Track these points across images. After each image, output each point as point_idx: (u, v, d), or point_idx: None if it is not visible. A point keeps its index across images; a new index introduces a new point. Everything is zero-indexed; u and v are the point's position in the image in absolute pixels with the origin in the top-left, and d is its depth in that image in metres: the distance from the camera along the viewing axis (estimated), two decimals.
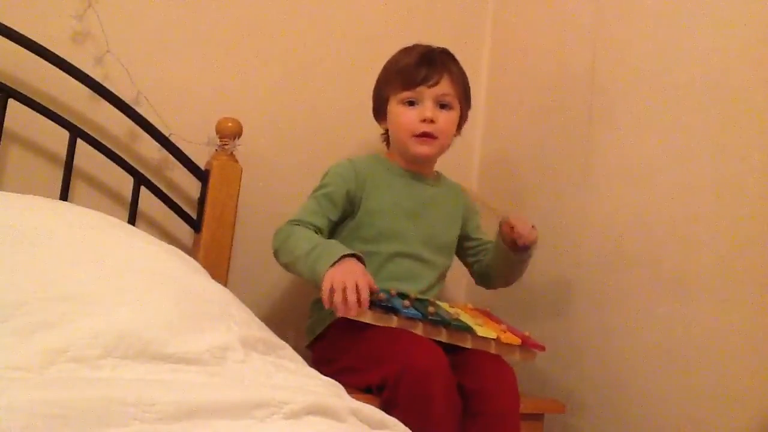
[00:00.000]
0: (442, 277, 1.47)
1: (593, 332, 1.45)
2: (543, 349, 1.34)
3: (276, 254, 1.31)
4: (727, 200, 1.25)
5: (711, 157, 1.29)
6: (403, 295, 1.29)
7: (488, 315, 1.41)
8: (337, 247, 1.20)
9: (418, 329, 1.23)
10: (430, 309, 1.27)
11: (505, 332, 1.32)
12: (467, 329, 1.27)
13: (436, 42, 1.47)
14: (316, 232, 1.30)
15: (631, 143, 1.44)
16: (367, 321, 1.21)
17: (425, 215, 1.42)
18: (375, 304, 1.21)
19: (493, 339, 1.28)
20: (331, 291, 1.14)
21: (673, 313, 1.30)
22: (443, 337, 1.25)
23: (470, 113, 1.49)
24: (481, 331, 1.28)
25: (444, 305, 1.34)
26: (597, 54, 1.56)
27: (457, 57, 1.45)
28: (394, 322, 1.22)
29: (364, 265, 1.20)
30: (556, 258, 1.56)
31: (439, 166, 1.53)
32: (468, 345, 1.27)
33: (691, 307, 1.28)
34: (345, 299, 1.13)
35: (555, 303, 1.56)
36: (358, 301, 1.13)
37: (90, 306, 0.85)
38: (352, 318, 1.19)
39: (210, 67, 1.54)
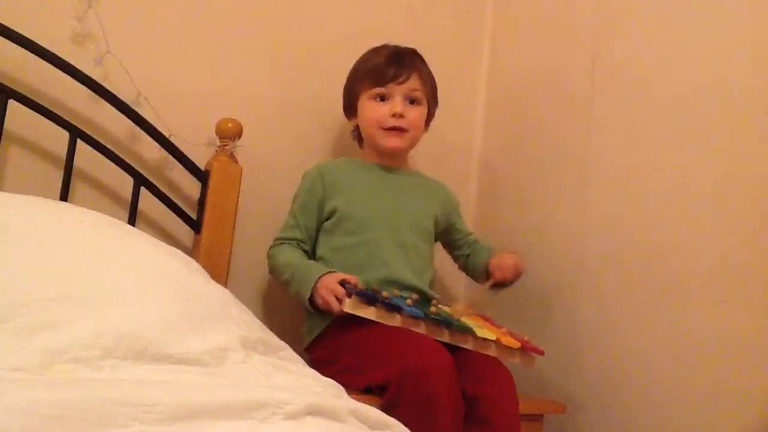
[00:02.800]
0: (430, 263, 1.48)
1: (593, 333, 1.45)
2: (542, 353, 1.35)
3: (270, 274, 1.45)
4: (726, 201, 1.25)
5: (710, 157, 1.29)
6: (405, 297, 1.29)
7: (489, 320, 1.41)
8: (308, 277, 1.30)
9: (421, 328, 1.24)
10: (432, 309, 1.27)
11: (505, 335, 1.32)
12: (468, 330, 1.27)
13: (436, 43, 1.47)
14: (299, 244, 1.41)
15: (631, 143, 1.44)
16: (371, 318, 1.22)
17: (403, 201, 1.46)
18: (378, 301, 1.22)
19: (493, 341, 1.29)
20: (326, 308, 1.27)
21: (672, 313, 1.30)
22: (445, 337, 1.26)
23: (470, 115, 1.50)
24: (481, 333, 1.28)
25: (446, 308, 1.34)
26: (597, 54, 1.56)
27: (457, 57, 1.46)
28: (397, 320, 1.23)
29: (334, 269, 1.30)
30: (556, 258, 1.56)
31: (439, 165, 1.53)
32: (468, 346, 1.28)
33: (690, 307, 1.28)
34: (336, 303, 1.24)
35: (555, 303, 1.56)
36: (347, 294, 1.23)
37: (90, 307, 0.85)
38: (357, 314, 1.20)
39: (210, 67, 1.54)
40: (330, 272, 1.29)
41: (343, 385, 1.00)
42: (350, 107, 1.51)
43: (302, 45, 1.65)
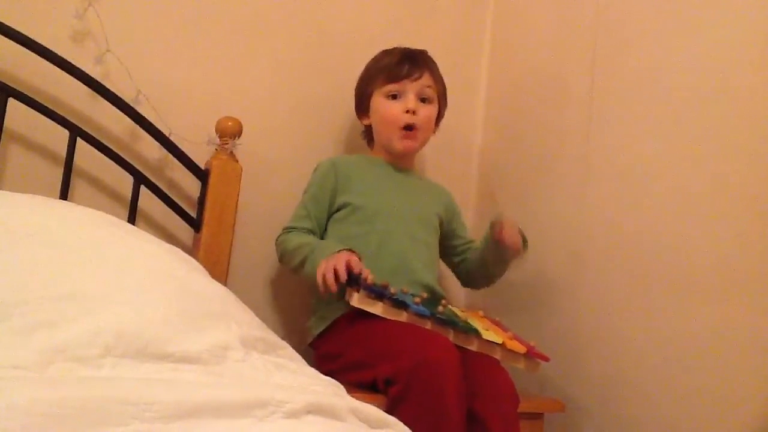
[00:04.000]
0: (437, 258, 1.51)
1: (593, 332, 1.45)
2: (547, 359, 1.35)
3: (281, 261, 1.44)
4: (727, 200, 1.25)
5: (710, 156, 1.29)
6: (414, 295, 1.29)
7: (498, 324, 1.41)
8: (328, 246, 1.29)
9: (427, 326, 1.24)
10: (440, 308, 1.27)
11: (511, 339, 1.32)
12: (474, 331, 1.27)
13: (437, 42, 1.47)
14: (309, 233, 1.40)
15: (631, 143, 1.44)
16: (378, 313, 1.22)
17: (412, 198, 1.49)
18: (386, 297, 1.22)
19: (499, 344, 1.29)
20: (322, 277, 1.23)
21: (673, 313, 1.30)
22: (450, 337, 1.26)
23: (470, 113, 1.50)
24: (486, 335, 1.28)
25: (455, 309, 1.34)
26: (597, 54, 1.56)
27: (457, 57, 1.47)
28: (403, 316, 1.23)
29: (357, 256, 1.27)
30: (556, 258, 1.56)
31: (439, 163, 1.53)
32: (473, 347, 1.28)
33: (691, 307, 1.27)
34: (332, 278, 1.21)
35: (555, 303, 1.56)
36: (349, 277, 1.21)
37: (90, 305, 0.85)
38: (363, 309, 1.20)
39: (210, 67, 1.54)
40: (346, 250, 1.27)
41: (348, 380, 1.00)
42: (362, 106, 1.53)
43: (302, 44, 1.65)
